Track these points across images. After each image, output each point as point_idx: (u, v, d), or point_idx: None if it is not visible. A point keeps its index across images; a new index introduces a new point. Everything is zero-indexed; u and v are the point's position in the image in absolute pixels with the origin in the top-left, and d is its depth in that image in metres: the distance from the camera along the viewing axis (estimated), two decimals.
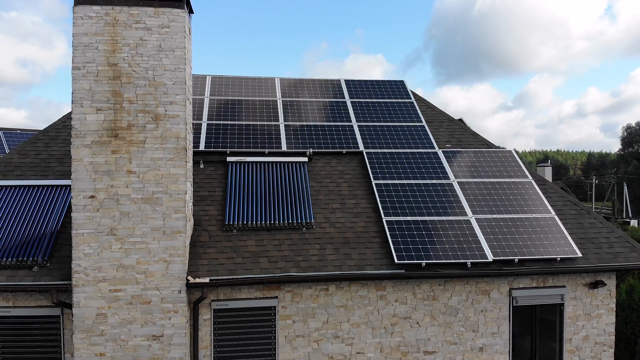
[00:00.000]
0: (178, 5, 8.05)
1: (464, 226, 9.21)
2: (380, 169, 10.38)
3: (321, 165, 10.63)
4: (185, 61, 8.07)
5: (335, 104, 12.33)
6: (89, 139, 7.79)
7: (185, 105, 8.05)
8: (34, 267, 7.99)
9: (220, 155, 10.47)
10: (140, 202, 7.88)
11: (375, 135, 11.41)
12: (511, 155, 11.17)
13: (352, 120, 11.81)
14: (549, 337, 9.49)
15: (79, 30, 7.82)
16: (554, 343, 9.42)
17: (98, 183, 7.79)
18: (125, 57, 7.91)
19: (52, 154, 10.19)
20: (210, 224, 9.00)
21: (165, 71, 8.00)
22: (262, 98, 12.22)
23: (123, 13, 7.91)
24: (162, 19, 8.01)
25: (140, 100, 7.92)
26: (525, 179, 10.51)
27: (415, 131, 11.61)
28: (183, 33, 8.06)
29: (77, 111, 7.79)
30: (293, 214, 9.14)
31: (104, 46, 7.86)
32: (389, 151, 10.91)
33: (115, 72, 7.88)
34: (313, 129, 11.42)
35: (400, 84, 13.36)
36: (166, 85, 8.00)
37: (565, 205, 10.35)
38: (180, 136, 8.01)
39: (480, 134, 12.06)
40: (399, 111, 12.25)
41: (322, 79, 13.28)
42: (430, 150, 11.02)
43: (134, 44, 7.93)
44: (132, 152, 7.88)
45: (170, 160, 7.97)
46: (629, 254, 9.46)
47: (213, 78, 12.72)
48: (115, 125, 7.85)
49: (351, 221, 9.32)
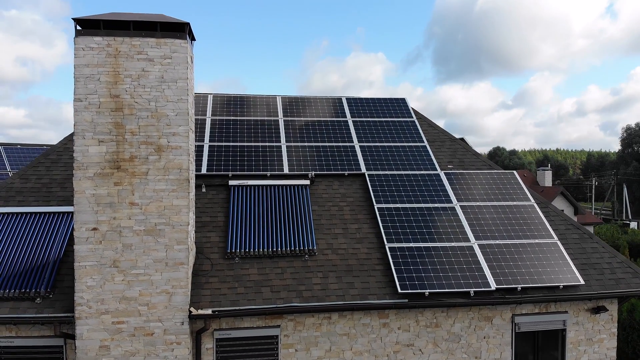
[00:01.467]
0: (180, 36, 8.03)
1: (466, 252, 9.20)
2: (383, 192, 10.36)
3: (323, 187, 10.61)
4: (187, 92, 8.04)
5: (336, 124, 12.31)
6: (91, 171, 7.77)
7: (187, 136, 8.03)
8: (36, 299, 7.98)
9: (222, 179, 10.45)
10: (143, 234, 7.86)
11: (377, 156, 11.39)
12: (513, 177, 11.16)
13: (354, 141, 11.79)
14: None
15: (81, 61, 7.79)
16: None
17: (100, 215, 7.77)
18: (127, 89, 7.88)
19: (54, 178, 10.17)
20: (212, 251, 8.99)
21: (167, 102, 7.98)
22: (263, 118, 12.19)
23: (125, 44, 7.88)
24: (164, 49, 7.98)
25: (142, 131, 7.90)
26: (527, 202, 10.50)
27: (417, 152, 11.59)
28: (185, 64, 8.03)
29: (79, 143, 7.76)
30: (295, 240, 9.13)
31: (105, 77, 7.84)
32: (390, 173, 10.89)
33: (117, 104, 7.86)
34: (315, 150, 11.39)
35: (401, 102, 13.34)
36: (169, 117, 7.98)
37: (568, 228, 10.34)
38: (182, 167, 7.99)
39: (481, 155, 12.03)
40: (400, 131, 12.23)
41: (324, 96, 13.26)
42: (432, 172, 11.01)
43: (136, 75, 7.91)
44: (135, 183, 7.86)
45: (172, 192, 7.95)
46: (631, 279, 9.46)
47: (214, 97, 12.69)
48: (117, 157, 7.83)
49: (354, 247, 9.31)
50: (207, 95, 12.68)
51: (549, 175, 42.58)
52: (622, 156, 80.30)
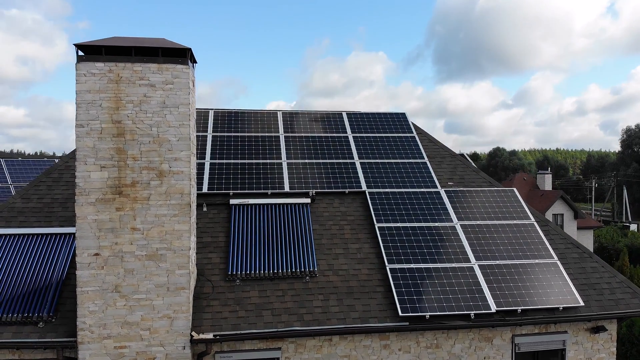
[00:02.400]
0: (182, 61, 8.05)
1: (467, 274, 9.24)
2: (383, 210, 10.40)
3: (324, 206, 10.64)
4: (189, 117, 8.07)
5: (337, 139, 12.34)
6: (93, 197, 7.80)
7: (189, 161, 8.06)
8: (39, 323, 8.01)
9: (224, 197, 10.49)
10: (145, 259, 7.90)
11: (377, 173, 11.42)
12: (513, 194, 11.19)
13: (355, 157, 11.82)
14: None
15: (82, 87, 7.82)
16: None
17: (102, 240, 7.80)
18: (129, 114, 7.91)
19: (55, 197, 10.20)
20: (213, 272, 9.03)
21: (169, 127, 8.01)
22: (264, 134, 12.23)
23: (126, 70, 7.91)
24: (165, 75, 8.01)
25: (144, 157, 7.93)
26: (527, 221, 10.53)
27: (418, 169, 11.63)
28: (187, 89, 8.06)
29: (81, 169, 7.79)
30: (296, 261, 9.16)
31: (107, 103, 7.87)
32: (391, 191, 10.93)
33: (119, 129, 7.89)
34: (315, 167, 11.43)
35: (401, 117, 13.37)
36: (170, 142, 8.01)
37: (568, 247, 10.38)
38: (184, 192, 8.02)
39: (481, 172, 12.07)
40: (400, 146, 12.27)
41: (324, 111, 13.29)
42: (432, 190, 11.04)
43: (138, 100, 7.94)
44: (137, 209, 7.89)
45: (174, 217, 7.98)
46: (630, 300, 9.50)
47: (215, 113, 12.72)
48: (119, 182, 7.86)
49: (355, 268, 9.34)
50: (208, 111, 12.71)
51: (549, 179, 42.61)
52: (622, 157, 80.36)
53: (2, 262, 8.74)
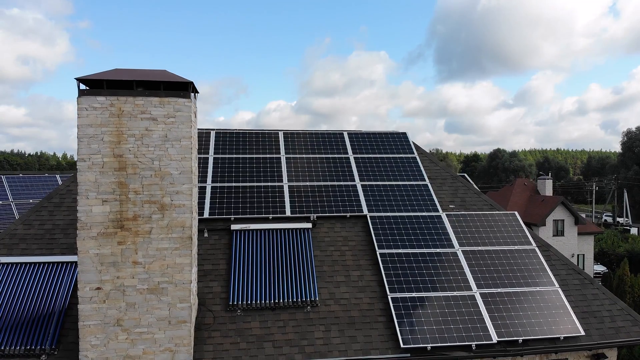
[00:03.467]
0: (184, 94, 8.05)
1: (468, 302, 9.24)
2: (385, 236, 10.40)
3: (325, 230, 10.65)
4: (191, 150, 8.07)
5: (338, 161, 12.34)
6: (95, 231, 7.81)
7: (191, 194, 8.06)
8: (41, 356, 8.02)
9: (225, 222, 10.49)
10: (146, 293, 7.90)
11: (378, 196, 11.43)
12: (515, 218, 11.19)
13: (356, 180, 11.82)
14: None
15: (84, 121, 7.82)
16: None
17: (104, 274, 7.81)
18: (130, 148, 7.91)
19: (57, 223, 10.21)
20: (214, 302, 9.03)
21: (171, 161, 8.01)
22: (266, 155, 12.23)
23: (128, 103, 7.91)
24: (167, 108, 8.01)
25: (146, 190, 7.93)
26: (529, 246, 10.53)
27: (419, 191, 11.63)
28: (189, 122, 8.06)
29: (83, 203, 7.80)
30: (297, 290, 9.17)
31: (109, 137, 7.87)
32: (392, 215, 10.93)
33: (120, 163, 7.89)
34: (317, 190, 11.43)
35: (402, 136, 13.37)
36: (172, 175, 8.01)
37: (569, 273, 10.38)
38: (185, 225, 8.03)
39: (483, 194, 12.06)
40: (402, 168, 12.27)
41: (325, 131, 13.29)
42: (434, 214, 11.04)
43: (140, 134, 7.94)
44: (138, 242, 7.89)
45: (175, 250, 7.99)
46: (631, 328, 9.50)
47: (217, 133, 12.72)
48: (121, 216, 7.86)
49: (356, 297, 9.35)
50: (209, 132, 12.71)
51: (549, 184, 42.60)
52: (622, 160, 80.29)
53: (4, 292, 8.75)
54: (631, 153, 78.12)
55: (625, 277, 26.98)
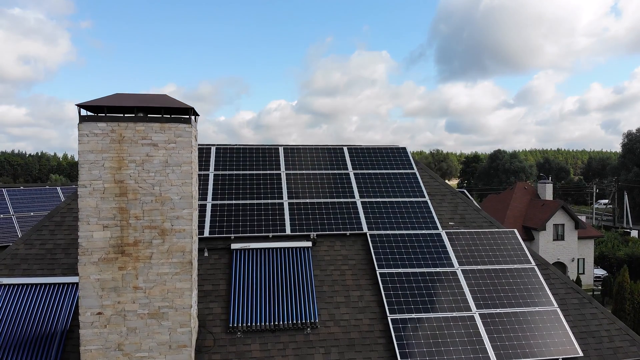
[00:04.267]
0: (184, 120, 8.09)
1: (467, 323, 9.28)
2: (384, 254, 10.44)
3: (325, 249, 10.69)
4: (191, 175, 8.11)
5: (338, 177, 12.38)
6: (96, 256, 7.85)
7: (191, 219, 8.10)
8: None
9: (225, 241, 10.54)
10: (147, 317, 7.95)
11: (378, 213, 11.46)
12: (514, 236, 11.23)
13: (356, 196, 11.86)
14: None
15: (85, 147, 7.86)
16: None
17: (105, 300, 7.85)
18: (131, 174, 7.95)
19: (58, 243, 10.25)
20: (214, 324, 9.08)
21: (171, 186, 8.05)
22: (266, 172, 12.27)
23: (129, 129, 7.95)
24: (168, 134, 8.05)
25: (146, 216, 7.97)
26: (528, 265, 10.57)
27: (419, 208, 11.67)
28: (190, 147, 8.09)
29: (84, 229, 7.84)
30: (297, 312, 9.21)
31: (110, 163, 7.90)
32: (392, 232, 10.97)
33: (121, 189, 7.93)
34: (317, 207, 11.47)
35: (402, 151, 13.41)
36: (172, 200, 8.05)
37: (568, 292, 10.42)
38: (186, 250, 8.07)
39: (482, 210, 12.10)
40: (401, 184, 12.30)
41: (325, 145, 13.33)
42: (434, 232, 11.08)
43: (140, 160, 7.97)
44: (139, 267, 7.94)
45: (176, 275, 8.03)
46: (629, 348, 9.54)
47: (217, 149, 12.76)
48: (121, 241, 7.90)
49: (356, 318, 9.39)
50: (210, 148, 12.75)
51: (549, 189, 42.65)
52: (623, 162, 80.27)
53: (6, 314, 8.80)
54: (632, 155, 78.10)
55: (625, 283, 27.02)
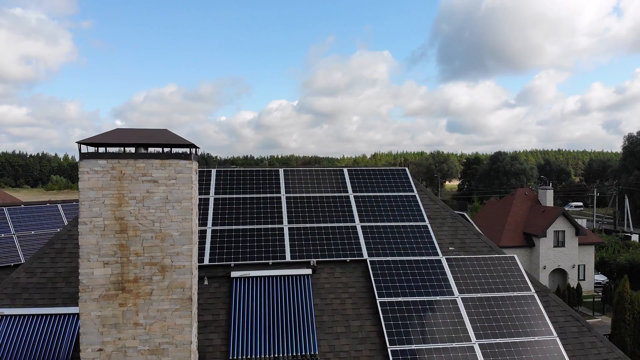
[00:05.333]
0: (185, 156, 8.11)
1: (467, 355, 9.30)
2: (384, 282, 10.46)
3: (325, 276, 10.71)
4: (192, 211, 8.13)
5: (338, 200, 12.40)
6: (97, 293, 7.87)
7: (191, 255, 8.12)
8: None
9: (225, 269, 10.56)
10: (147, 354, 7.97)
11: (378, 238, 11.48)
12: (514, 262, 11.24)
13: (356, 220, 11.88)
14: None
15: (85, 185, 7.88)
16: None
17: (106, 336, 7.87)
18: (131, 211, 7.97)
19: (59, 271, 10.28)
20: (214, 356, 9.10)
21: (172, 222, 8.07)
22: (266, 195, 12.29)
23: (129, 166, 7.97)
24: (169, 170, 8.06)
25: (147, 252, 7.99)
26: (528, 292, 10.59)
27: (419, 233, 11.68)
28: (190, 184, 8.11)
29: (84, 266, 7.86)
30: (297, 344, 9.23)
31: (110, 200, 7.92)
32: (392, 259, 10.99)
33: (122, 226, 7.95)
34: (317, 232, 11.49)
35: (402, 173, 13.42)
36: (173, 237, 8.07)
37: (567, 320, 10.43)
38: (186, 286, 8.09)
39: (482, 235, 12.12)
40: (402, 207, 12.32)
41: (325, 168, 13.35)
42: (434, 258, 11.10)
43: (141, 197, 7.99)
44: (139, 304, 7.96)
45: (176, 311, 8.05)
46: None
47: (218, 172, 12.78)
48: (122, 278, 7.93)
49: (356, 349, 9.41)
50: (210, 171, 12.77)
51: (550, 195, 42.63)
52: (624, 165, 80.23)
53: (8, 345, 8.83)
54: (632, 158, 78.07)
55: (625, 293, 27.02)
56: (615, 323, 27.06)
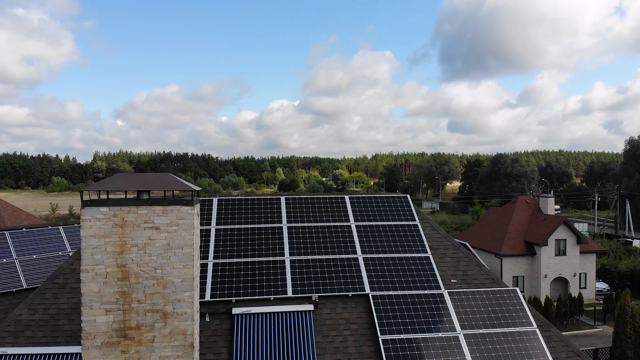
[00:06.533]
0: (187, 202, 8.09)
1: None
2: (387, 318, 10.44)
3: (327, 311, 10.69)
4: (193, 257, 8.12)
5: (340, 230, 12.39)
6: (99, 340, 7.87)
7: (192, 302, 8.11)
8: None
9: (226, 304, 10.55)
10: None
11: (380, 271, 11.47)
12: (516, 295, 11.22)
13: (358, 252, 11.87)
14: None
15: (87, 232, 7.87)
16: None
17: None
18: (133, 258, 7.96)
19: (61, 307, 10.28)
20: None
21: (173, 269, 8.06)
22: (267, 225, 12.28)
23: (131, 213, 7.96)
24: (170, 217, 8.05)
25: (148, 299, 7.99)
26: (530, 327, 10.57)
27: (421, 264, 11.67)
28: (192, 230, 8.10)
29: (86, 313, 7.85)
30: None
31: (112, 248, 7.92)
32: (394, 293, 10.97)
33: (124, 273, 7.94)
34: (318, 264, 11.48)
35: (404, 200, 13.40)
36: (174, 283, 8.06)
37: (569, 357, 10.42)
38: (187, 333, 8.08)
39: (485, 266, 12.10)
40: (404, 237, 12.30)
41: (327, 196, 13.34)
42: (436, 292, 11.08)
43: (143, 244, 7.98)
44: (141, 351, 7.95)
45: (178, 358, 8.04)
46: None
47: (219, 201, 12.77)
48: (124, 325, 7.92)
49: None
50: (212, 200, 12.76)
51: (551, 203, 42.60)
52: (625, 168, 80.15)
53: None
54: (634, 161, 78.01)
55: (627, 306, 27.00)
56: (616, 336, 27.04)
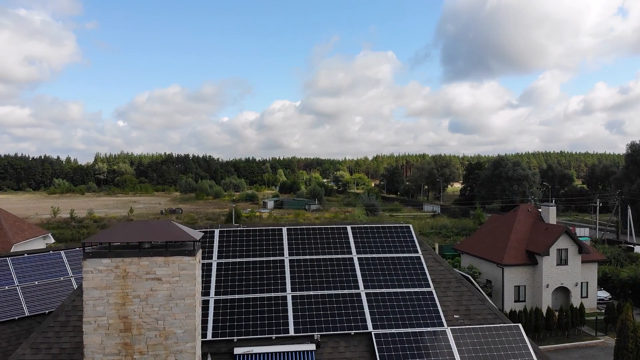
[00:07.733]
0: (188, 252, 8.06)
1: None
2: (390, 358, 10.39)
3: (329, 351, 10.65)
4: (195, 308, 8.09)
5: (342, 262, 12.34)
6: None
7: (194, 352, 8.08)
8: None
9: (228, 344, 10.51)
10: None
11: (383, 307, 11.42)
12: (519, 332, 11.18)
13: (360, 287, 11.82)
14: None
15: (89, 284, 7.85)
16: None
17: None
18: (135, 309, 7.93)
19: (63, 347, 10.24)
20: None
21: (175, 320, 8.03)
22: (269, 258, 12.24)
23: (133, 264, 7.93)
24: (172, 267, 8.02)
25: (150, 351, 7.96)
26: None
27: (424, 300, 11.62)
28: (193, 280, 8.07)
29: None
30: None
31: (114, 299, 7.89)
32: (397, 331, 10.93)
33: (125, 324, 7.91)
34: (320, 300, 11.44)
35: (406, 230, 13.36)
36: (176, 334, 8.03)
37: None
38: None
39: (488, 300, 12.05)
40: (406, 271, 12.26)
41: (329, 226, 13.29)
42: (438, 329, 11.04)
43: (144, 295, 7.95)
44: None
45: None
46: None
47: (221, 232, 12.73)
48: None
49: None
50: (213, 231, 12.72)
51: (553, 212, 42.51)
52: (626, 173, 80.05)
53: None
54: (635, 166, 77.92)
55: (628, 321, 26.94)
56: (618, 351, 27.00)
